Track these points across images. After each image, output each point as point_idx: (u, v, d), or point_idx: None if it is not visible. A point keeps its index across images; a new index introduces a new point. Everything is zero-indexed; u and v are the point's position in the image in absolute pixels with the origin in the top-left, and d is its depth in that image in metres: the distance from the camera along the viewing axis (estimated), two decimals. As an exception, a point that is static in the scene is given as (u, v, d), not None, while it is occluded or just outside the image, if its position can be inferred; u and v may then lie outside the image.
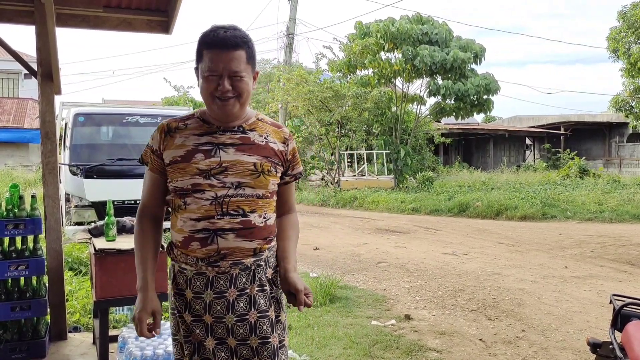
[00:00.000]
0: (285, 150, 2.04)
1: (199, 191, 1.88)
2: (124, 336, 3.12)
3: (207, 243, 1.88)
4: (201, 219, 1.88)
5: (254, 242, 1.93)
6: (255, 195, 1.93)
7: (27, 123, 23.03)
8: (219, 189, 1.88)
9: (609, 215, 12.52)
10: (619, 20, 19.48)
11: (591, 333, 4.68)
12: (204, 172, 1.88)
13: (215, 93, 1.87)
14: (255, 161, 1.93)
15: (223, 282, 1.91)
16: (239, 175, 1.90)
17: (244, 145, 1.94)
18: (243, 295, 1.92)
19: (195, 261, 1.90)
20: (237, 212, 1.89)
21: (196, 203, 1.88)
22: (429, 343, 4.54)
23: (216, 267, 1.89)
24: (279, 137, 2.04)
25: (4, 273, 3.66)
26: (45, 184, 4.09)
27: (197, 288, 1.91)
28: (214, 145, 1.92)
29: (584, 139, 33.09)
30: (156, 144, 1.97)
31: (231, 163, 1.90)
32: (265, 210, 1.96)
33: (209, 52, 1.86)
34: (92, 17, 4.43)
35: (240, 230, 1.90)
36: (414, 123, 22.81)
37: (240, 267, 1.91)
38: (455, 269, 7.45)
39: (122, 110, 9.44)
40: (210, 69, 1.86)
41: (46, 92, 4.13)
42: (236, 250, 1.90)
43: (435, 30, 20.93)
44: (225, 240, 1.88)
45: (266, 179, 1.95)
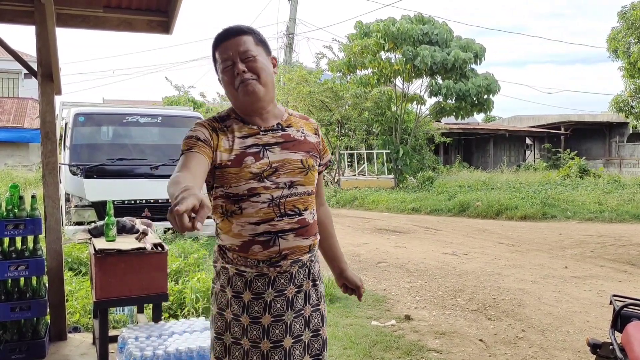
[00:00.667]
0: (319, 141, 2.07)
1: (255, 195, 1.86)
2: (123, 336, 3.11)
3: (269, 245, 1.88)
4: (261, 223, 1.87)
5: (309, 239, 1.97)
6: (307, 193, 1.96)
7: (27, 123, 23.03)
8: (274, 190, 1.87)
9: (609, 215, 12.52)
10: (619, 20, 19.47)
11: (591, 333, 4.68)
12: (257, 175, 1.86)
13: (235, 83, 1.85)
14: (301, 158, 1.95)
15: (284, 280, 1.93)
16: (290, 174, 1.91)
17: (287, 142, 1.94)
18: (300, 291, 1.97)
19: (256, 263, 1.90)
20: (293, 211, 1.91)
21: (253, 207, 1.86)
22: (429, 343, 4.54)
23: (277, 267, 1.91)
24: (311, 128, 2.06)
25: (4, 273, 3.66)
26: (45, 184, 4.09)
27: (258, 289, 1.91)
28: (260, 147, 1.90)
29: (584, 138, 33.08)
30: (203, 135, 1.82)
31: (280, 163, 1.90)
32: (313, 206, 2.00)
33: (219, 47, 1.89)
34: (92, 18, 4.43)
35: (299, 230, 1.92)
36: (414, 123, 22.81)
37: (299, 264, 1.95)
38: (455, 269, 7.45)
39: (123, 110, 9.43)
40: (223, 60, 1.87)
41: (46, 92, 4.13)
42: (296, 249, 1.93)
43: (435, 30, 20.94)
44: (286, 240, 1.90)
45: (313, 175, 1.98)
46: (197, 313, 4.71)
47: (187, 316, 4.65)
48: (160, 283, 3.46)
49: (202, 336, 3.03)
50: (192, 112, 10.46)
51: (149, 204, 8.15)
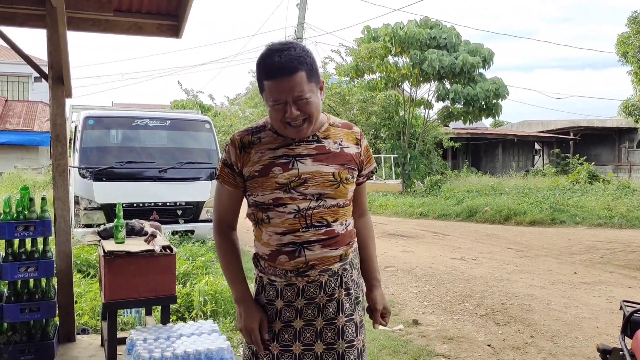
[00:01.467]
0: (360, 152, 2.03)
1: (281, 205, 1.88)
2: (132, 338, 3.12)
3: (295, 256, 1.89)
4: (287, 233, 1.89)
5: (339, 249, 1.95)
6: (337, 205, 1.93)
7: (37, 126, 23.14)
8: (301, 202, 1.88)
9: (618, 221, 12.44)
10: (629, 25, 19.36)
11: (601, 339, 4.64)
12: (284, 185, 1.88)
13: (284, 120, 1.85)
14: (333, 171, 1.92)
15: (313, 289, 1.94)
16: (319, 187, 1.90)
17: (321, 154, 1.93)
18: (332, 300, 1.95)
19: (284, 273, 1.92)
20: (320, 223, 1.90)
21: (279, 217, 1.89)
22: (437, 348, 4.52)
23: (305, 276, 1.92)
24: (352, 138, 2.02)
25: (14, 275, 3.68)
26: (55, 186, 4.11)
27: (289, 298, 1.94)
28: (290, 158, 1.90)
29: (593, 144, 32.89)
30: (231, 159, 1.95)
31: (310, 174, 1.89)
32: (346, 217, 1.98)
33: (269, 82, 1.83)
34: (103, 21, 4.46)
35: (326, 241, 1.91)
36: (422, 127, 22.77)
37: (329, 273, 1.94)
38: (463, 274, 7.42)
39: (132, 113, 9.49)
40: (274, 99, 1.83)
41: (57, 95, 4.16)
42: (324, 260, 1.92)
43: (443, 34, 20.91)
44: (312, 252, 1.90)
45: (345, 188, 1.95)
46: (205, 316, 4.72)
47: (195, 319, 4.65)
48: (168, 285, 3.47)
49: (210, 338, 3.03)
50: (201, 116, 10.50)
51: (158, 207, 8.18)
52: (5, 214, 3.71)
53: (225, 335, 3.55)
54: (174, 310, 4.73)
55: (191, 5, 4.23)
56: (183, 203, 8.45)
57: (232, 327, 4.60)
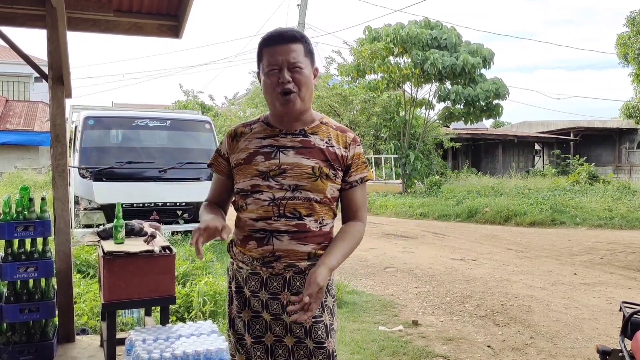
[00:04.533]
0: (347, 155, 2.00)
1: (258, 192, 1.93)
2: (131, 339, 3.11)
3: (263, 243, 1.92)
4: (259, 220, 1.92)
5: (308, 245, 1.93)
6: (313, 200, 1.93)
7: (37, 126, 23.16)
8: (277, 191, 1.91)
9: (618, 222, 12.44)
10: (627, 26, 19.35)
11: (600, 340, 4.64)
12: (263, 173, 1.93)
13: (277, 88, 1.89)
14: (313, 165, 1.93)
15: (277, 283, 1.94)
16: (296, 178, 1.91)
17: (304, 148, 1.95)
18: None
19: (251, 260, 1.96)
20: (293, 214, 1.91)
21: (255, 204, 1.93)
22: (436, 349, 4.51)
23: (270, 267, 1.93)
24: (342, 141, 2.01)
25: (13, 275, 3.67)
26: (54, 186, 4.11)
27: (253, 287, 1.97)
28: (274, 148, 1.95)
29: (593, 145, 32.90)
30: (224, 148, 2.06)
31: (290, 165, 1.92)
32: (322, 215, 1.96)
33: (268, 49, 1.91)
34: (103, 21, 4.46)
35: (295, 233, 1.91)
36: (422, 128, 22.78)
37: (295, 270, 1.93)
38: (463, 274, 7.42)
39: (132, 113, 9.50)
40: (270, 63, 1.89)
41: (57, 95, 4.15)
42: (290, 253, 1.92)
43: (444, 35, 20.91)
44: (280, 242, 1.91)
45: (324, 184, 1.94)
46: (205, 316, 4.71)
47: (195, 319, 4.65)
48: (167, 286, 3.46)
49: (209, 339, 3.03)
50: (201, 116, 10.51)
51: (158, 207, 8.19)
52: (5, 214, 3.71)
53: (225, 336, 3.55)
54: (173, 310, 4.73)
55: (191, 5, 4.23)
56: (183, 203, 8.45)
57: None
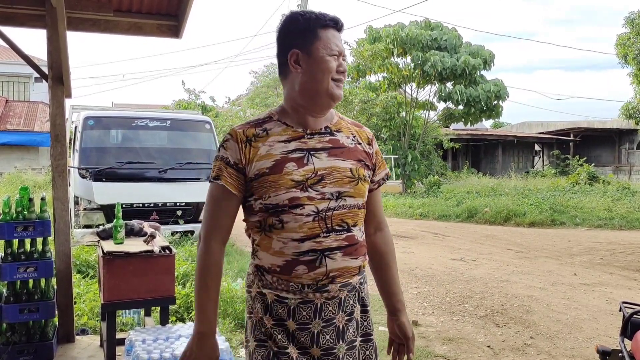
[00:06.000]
0: (372, 152, 1.82)
1: (298, 206, 1.62)
2: (131, 339, 3.11)
3: (315, 266, 1.63)
4: (305, 239, 1.63)
5: (359, 259, 1.73)
6: (357, 206, 1.72)
7: (37, 126, 23.17)
8: (319, 202, 1.64)
9: (618, 223, 12.44)
10: (626, 26, 19.37)
11: (600, 341, 4.64)
12: (300, 183, 1.63)
13: (334, 74, 1.67)
14: (350, 166, 1.71)
15: (332, 307, 1.68)
16: (337, 184, 1.67)
17: (335, 148, 1.71)
18: (352, 319, 1.73)
19: (300, 288, 1.65)
20: (341, 227, 1.67)
21: (296, 220, 1.62)
22: (436, 349, 4.51)
23: (325, 292, 1.66)
24: (364, 137, 1.82)
25: (13, 275, 3.67)
26: (54, 186, 4.11)
27: (304, 319, 1.66)
28: (304, 152, 1.67)
29: (593, 145, 32.91)
30: (234, 156, 1.66)
31: (327, 170, 1.67)
32: (362, 222, 1.77)
33: (327, 31, 1.68)
34: (103, 21, 4.46)
35: (347, 248, 1.68)
36: (422, 128, 22.79)
37: (348, 288, 1.71)
38: (463, 275, 7.42)
39: (132, 114, 9.49)
40: (332, 46, 1.67)
41: (57, 96, 4.15)
42: (345, 271, 1.68)
43: (444, 36, 20.94)
44: (334, 260, 1.65)
45: (364, 186, 1.75)
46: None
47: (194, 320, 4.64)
48: (167, 286, 3.46)
49: (209, 339, 3.02)
50: (201, 116, 10.51)
51: (157, 207, 8.18)
52: (5, 214, 3.71)
53: (225, 336, 3.55)
54: (173, 311, 4.72)
55: (191, 5, 4.23)
56: (183, 203, 8.45)
57: (232, 328, 4.60)
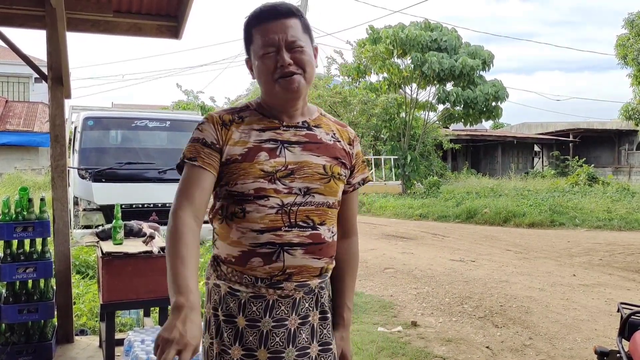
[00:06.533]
0: (352, 153, 1.74)
1: (263, 197, 1.56)
2: (130, 340, 3.12)
3: (272, 260, 1.56)
4: (265, 231, 1.56)
5: (322, 260, 1.64)
6: (326, 204, 1.64)
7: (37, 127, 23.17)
8: (285, 196, 1.57)
9: (618, 223, 12.44)
10: (625, 27, 19.39)
11: (599, 341, 4.64)
12: (269, 174, 1.57)
13: (275, 74, 1.56)
14: (324, 163, 1.64)
15: (284, 307, 1.60)
16: (307, 180, 1.60)
17: (311, 143, 1.64)
18: (305, 324, 1.63)
19: (254, 281, 1.58)
20: (306, 223, 1.59)
21: (259, 211, 1.56)
22: (435, 350, 4.52)
23: (279, 289, 1.58)
24: (345, 136, 1.75)
25: (12, 275, 3.68)
26: (54, 187, 4.12)
27: (253, 315, 1.59)
28: (278, 143, 1.61)
29: (593, 146, 32.92)
30: (210, 136, 1.59)
31: (298, 165, 1.60)
32: (333, 222, 1.68)
33: (260, 27, 1.58)
34: (103, 22, 4.46)
35: (310, 246, 1.60)
36: (422, 129, 22.81)
37: (305, 290, 1.62)
38: (462, 275, 7.42)
39: (131, 114, 9.50)
40: (264, 44, 1.57)
41: (56, 96, 4.16)
42: (303, 270, 1.60)
43: (444, 37, 20.96)
44: (293, 257, 1.57)
45: (336, 185, 1.66)
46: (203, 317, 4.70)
47: (194, 320, 4.65)
48: (166, 286, 3.46)
49: (208, 340, 3.03)
50: (200, 117, 10.49)
51: (157, 208, 8.18)
52: (4, 215, 3.72)
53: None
54: (173, 311, 4.72)
55: (191, 6, 4.24)
56: (182, 204, 8.44)
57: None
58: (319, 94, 20.16)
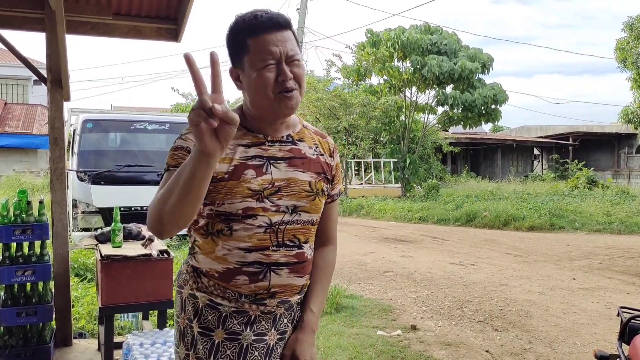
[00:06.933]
0: (332, 165, 1.72)
1: (251, 216, 1.52)
2: (128, 343, 3.11)
3: (258, 279, 1.54)
4: (253, 250, 1.53)
5: (304, 277, 1.64)
6: (310, 222, 1.62)
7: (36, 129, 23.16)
8: (273, 214, 1.54)
9: (617, 227, 12.44)
10: (625, 30, 19.43)
11: (599, 346, 4.64)
12: (257, 193, 1.52)
13: (277, 87, 1.50)
14: (310, 179, 1.61)
15: (265, 322, 1.59)
16: (294, 197, 1.57)
17: (296, 159, 1.61)
18: (282, 339, 1.63)
19: (237, 297, 1.56)
20: (293, 242, 1.58)
21: (246, 230, 1.53)
22: (435, 354, 4.50)
23: (262, 305, 1.57)
24: (326, 148, 1.72)
25: (11, 278, 3.67)
26: (53, 189, 4.11)
27: (235, 327, 1.56)
28: (264, 160, 1.56)
29: (592, 149, 32.95)
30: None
31: (284, 182, 1.56)
32: (313, 239, 1.68)
33: (259, 37, 1.49)
34: (102, 25, 4.46)
35: (295, 265, 1.59)
36: (421, 132, 22.82)
37: (286, 306, 1.62)
38: (462, 279, 7.41)
39: (130, 117, 9.49)
40: (264, 57, 1.49)
41: (55, 99, 4.15)
42: (287, 288, 1.60)
43: (444, 40, 21.01)
44: (279, 276, 1.56)
45: (320, 202, 1.64)
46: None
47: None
48: (165, 290, 3.46)
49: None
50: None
51: (156, 211, 8.16)
52: (3, 217, 3.71)
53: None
54: (171, 315, 4.71)
55: (190, 9, 4.24)
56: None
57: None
58: (318, 97, 20.15)
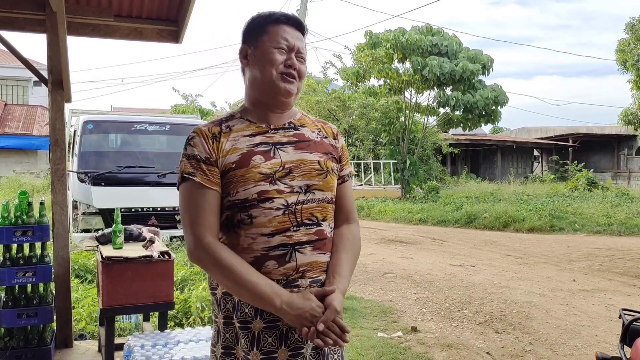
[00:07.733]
0: (337, 146, 1.81)
1: (267, 200, 1.59)
2: (129, 344, 3.10)
3: (286, 261, 1.59)
4: (275, 233, 1.59)
5: (327, 254, 1.68)
6: (325, 200, 1.69)
7: (36, 130, 23.15)
8: (289, 195, 1.61)
9: (617, 228, 12.44)
10: (627, 32, 19.44)
11: (600, 347, 4.63)
12: (269, 176, 1.60)
13: (281, 67, 1.66)
14: (318, 159, 1.70)
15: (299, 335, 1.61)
16: (306, 177, 1.65)
17: (302, 142, 1.70)
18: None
19: None
20: (311, 221, 1.64)
21: (265, 215, 1.59)
22: (435, 356, 4.50)
23: (295, 286, 1.60)
24: (329, 132, 1.81)
25: (12, 279, 3.67)
26: (53, 191, 4.10)
27: (273, 316, 1.60)
28: (270, 145, 1.65)
29: (592, 151, 32.97)
30: (204, 151, 1.62)
31: (295, 163, 1.65)
32: (332, 218, 1.74)
33: (278, 26, 1.69)
34: (103, 26, 4.46)
35: (316, 242, 1.65)
36: (421, 133, 22.83)
37: (318, 285, 1.65)
38: (462, 280, 7.41)
39: (131, 118, 9.48)
40: (279, 41, 1.67)
41: (56, 100, 4.15)
42: (314, 266, 1.64)
43: (444, 41, 21.03)
44: (303, 255, 1.62)
45: (332, 179, 1.72)
46: (203, 322, 4.70)
47: (193, 325, 4.64)
48: (166, 291, 3.46)
49: (208, 345, 3.01)
50: (200, 120, 10.51)
51: (156, 212, 8.16)
52: (4, 219, 3.71)
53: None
54: (172, 316, 4.72)
55: (191, 10, 4.24)
56: (182, 208, 8.42)
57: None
58: (318, 99, 20.16)
